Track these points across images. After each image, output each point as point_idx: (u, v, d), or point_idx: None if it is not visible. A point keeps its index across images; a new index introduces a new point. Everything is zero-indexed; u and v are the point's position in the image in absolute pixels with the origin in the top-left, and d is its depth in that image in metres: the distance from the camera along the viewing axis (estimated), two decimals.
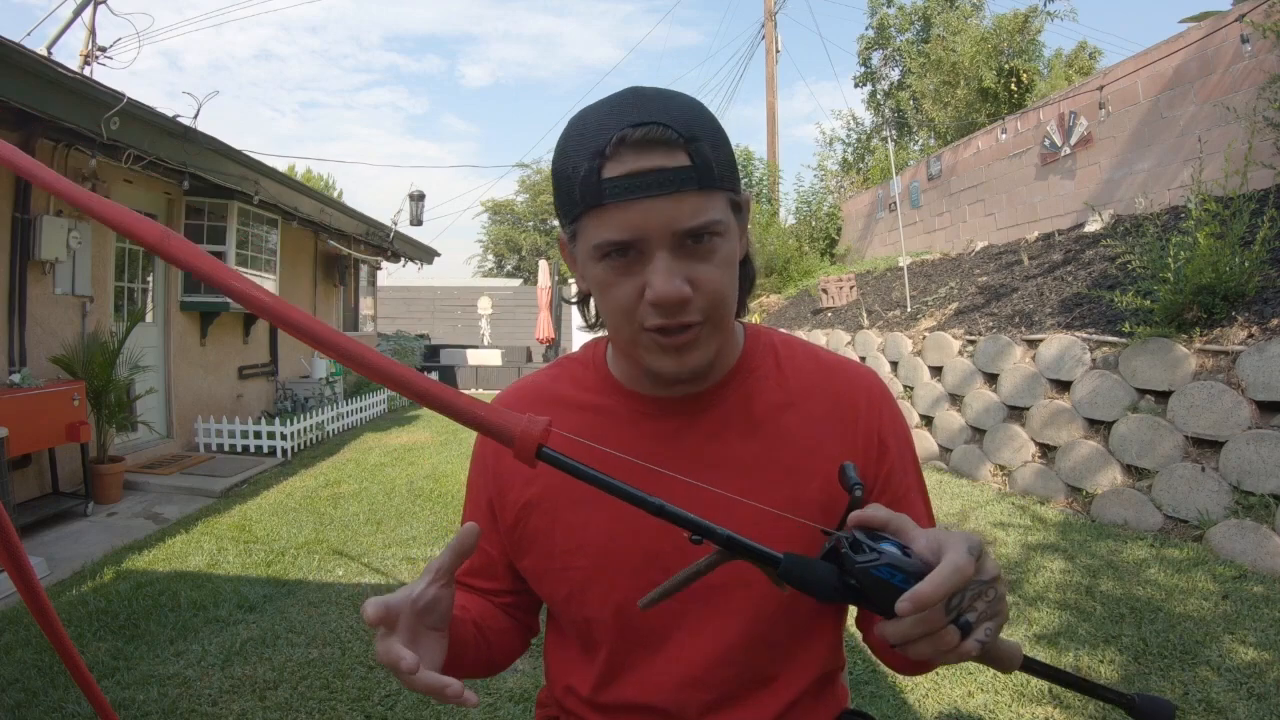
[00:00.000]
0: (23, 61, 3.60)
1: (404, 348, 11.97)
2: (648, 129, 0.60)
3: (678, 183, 0.61)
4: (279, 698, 2.20)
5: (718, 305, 0.66)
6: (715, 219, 0.63)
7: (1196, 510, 3.24)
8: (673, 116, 0.62)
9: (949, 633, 0.54)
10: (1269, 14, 4.84)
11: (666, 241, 0.62)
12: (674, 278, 0.62)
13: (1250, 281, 3.51)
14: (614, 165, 0.61)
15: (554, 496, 0.76)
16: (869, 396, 0.78)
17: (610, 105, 0.64)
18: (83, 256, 4.83)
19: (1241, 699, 2.03)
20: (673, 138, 0.61)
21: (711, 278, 0.64)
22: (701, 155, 0.62)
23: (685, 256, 0.63)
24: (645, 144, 0.61)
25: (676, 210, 0.61)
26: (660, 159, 0.61)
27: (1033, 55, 12.06)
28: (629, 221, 0.61)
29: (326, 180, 24.12)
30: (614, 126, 0.61)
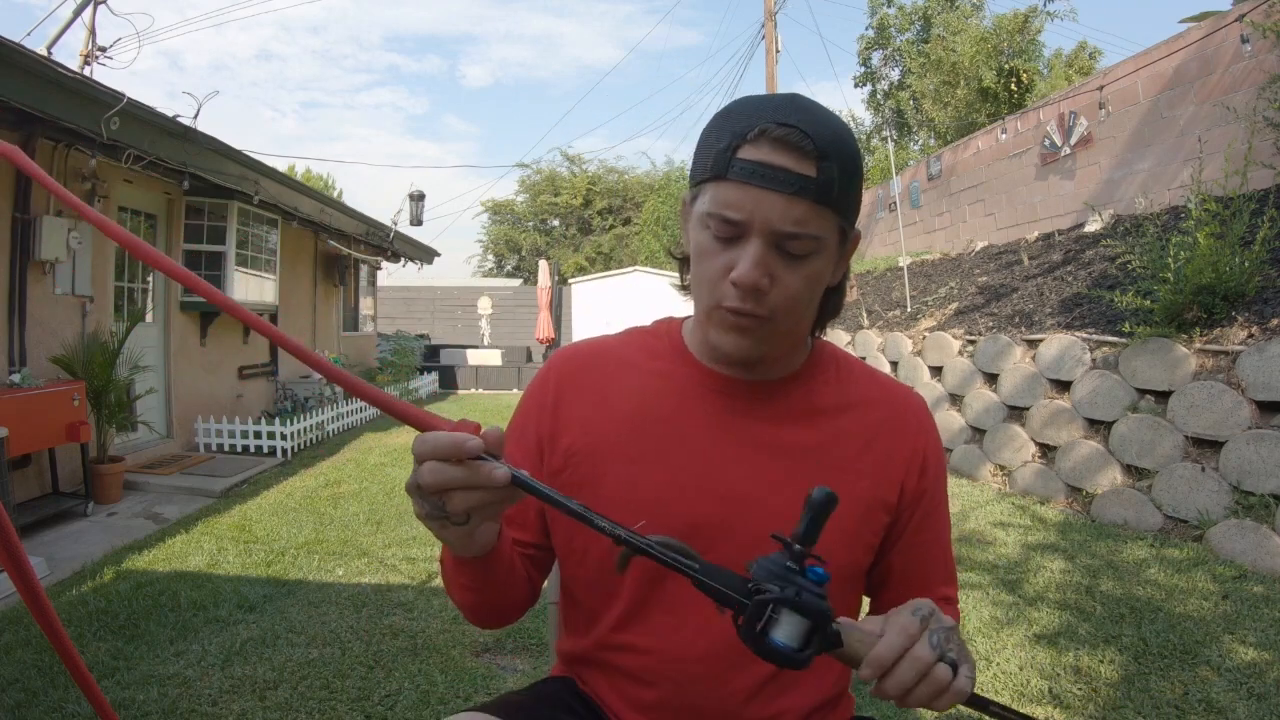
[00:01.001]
0: (23, 61, 3.60)
1: (404, 347, 11.95)
2: (789, 130, 0.65)
3: (796, 187, 0.65)
4: (279, 698, 2.20)
5: (789, 310, 0.70)
6: (815, 234, 0.67)
7: (1196, 510, 3.24)
8: (817, 131, 0.66)
9: (941, 670, 0.56)
10: (1269, 14, 4.84)
11: (765, 234, 0.66)
12: (758, 267, 0.67)
13: (1250, 281, 3.51)
14: (749, 149, 0.66)
15: (608, 450, 0.78)
16: (919, 417, 0.83)
17: (771, 100, 0.69)
18: (83, 256, 4.83)
19: (1241, 699, 2.03)
20: (808, 147, 0.65)
21: (792, 283, 0.69)
22: (827, 173, 0.66)
23: (777, 255, 0.68)
24: (782, 142, 0.65)
25: (785, 210, 0.65)
26: (791, 161, 0.65)
27: (1033, 55, 12.06)
28: (741, 202, 0.66)
29: (326, 180, 24.10)
30: (763, 118, 0.66)
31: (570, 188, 21.35)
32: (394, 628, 2.69)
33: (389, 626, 2.70)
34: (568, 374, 0.84)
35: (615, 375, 0.82)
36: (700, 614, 0.74)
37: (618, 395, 0.80)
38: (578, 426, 0.80)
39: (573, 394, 0.82)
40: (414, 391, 10.06)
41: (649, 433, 0.78)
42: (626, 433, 0.78)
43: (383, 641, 2.58)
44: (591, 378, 0.82)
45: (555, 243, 21.96)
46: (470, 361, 12.75)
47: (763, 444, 0.77)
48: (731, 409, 0.78)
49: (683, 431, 0.77)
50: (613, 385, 0.81)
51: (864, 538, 0.78)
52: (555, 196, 21.54)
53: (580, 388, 0.82)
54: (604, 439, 0.78)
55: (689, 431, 0.77)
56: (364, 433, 7.42)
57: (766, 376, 0.79)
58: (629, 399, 0.80)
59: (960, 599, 2.79)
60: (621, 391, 0.80)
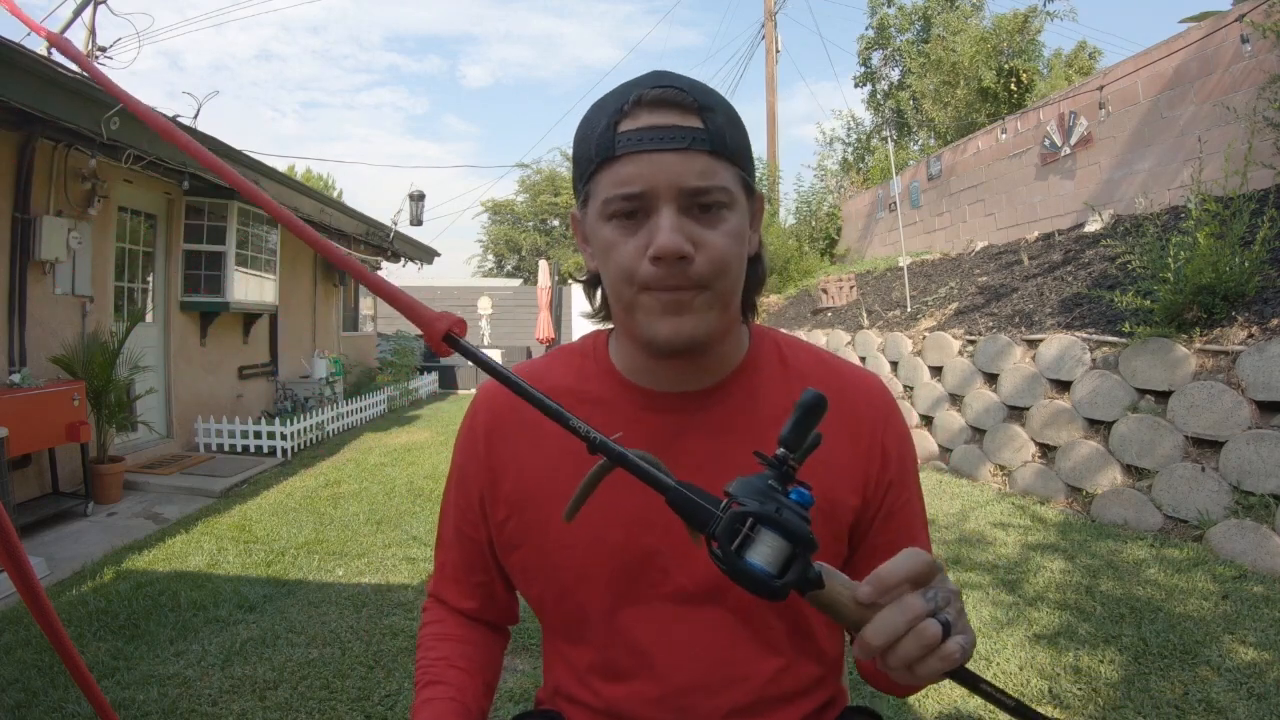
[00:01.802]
0: (23, 61, 3.60)
1: (404, 348, 11.95)
2: (663, 90, 0.64)
3: (688, 139, 0.63)
4: (279, 698, 2.20)
5: (721, 273, 0.65)
6: (723, 185, 0.64)
7: (1196, 510, 3.24)
8: (690, 85, 0.65)
9: (931, 626, 0.50)
10: (1269, 14, 4.84)
11: (673, 197, 0.63)
12: (676, 233, 0.63)
13: (1250, 281, 3.51)
14: (629, 121, 0.64)
15: (547, 492, 0.75)
16: (872, 403, 0.77)
17: (634, 78, 0.67)
18: (83, 256, 4.83)
19: (1241, 699, 2.03)
20: (687, 100, 0.64)
21: (716, 243, 0.64)
22: (715, 123, 0.64)
23: (691, 218, 0.64)
24: (660, 103, 0.63)
25: (685, 166, 0.63)
26: (674, 118, 0.63)
27: (1032, 55, 12.05)
28: (638, 174, 0.63)
29: (326, 180, 24.10)
30: (633, 89, 0.65)
31: (570, 188, 21.35)
32: (394, 628, 2.69)
33: (389, 626, 2.70)
34: (495, 416, 0.79)
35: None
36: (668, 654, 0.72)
37: (549, 431, 0.72)
38: (513, 471, 0.77)
39: (502, 437, 0.78)
40: (413, 391, 10.06)
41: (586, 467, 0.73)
42: (563, 471, 0.73)
43: (383, 641, 2.58)
44: (520, 415, 0.77)
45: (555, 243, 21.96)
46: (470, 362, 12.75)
47: (706, 462, 0.72)
48: (669, 428, 0.73)
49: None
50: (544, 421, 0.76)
51: (830, 547, 0.74)
52: (555, 196, 21.54)
53: (510, 427, 0.78)
54: (541, 481, 0.75)
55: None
56: (364, 433, 7.42)
57: (703, 383, 0.74)
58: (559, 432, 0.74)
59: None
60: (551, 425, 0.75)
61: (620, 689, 0.73)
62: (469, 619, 0.87)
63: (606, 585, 0.73)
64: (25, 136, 4.21)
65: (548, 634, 0.83)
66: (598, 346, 0.80)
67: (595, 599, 0.74)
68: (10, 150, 4.24)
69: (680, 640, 0.72)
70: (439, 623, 0.85)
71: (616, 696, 0.74)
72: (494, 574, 0.84)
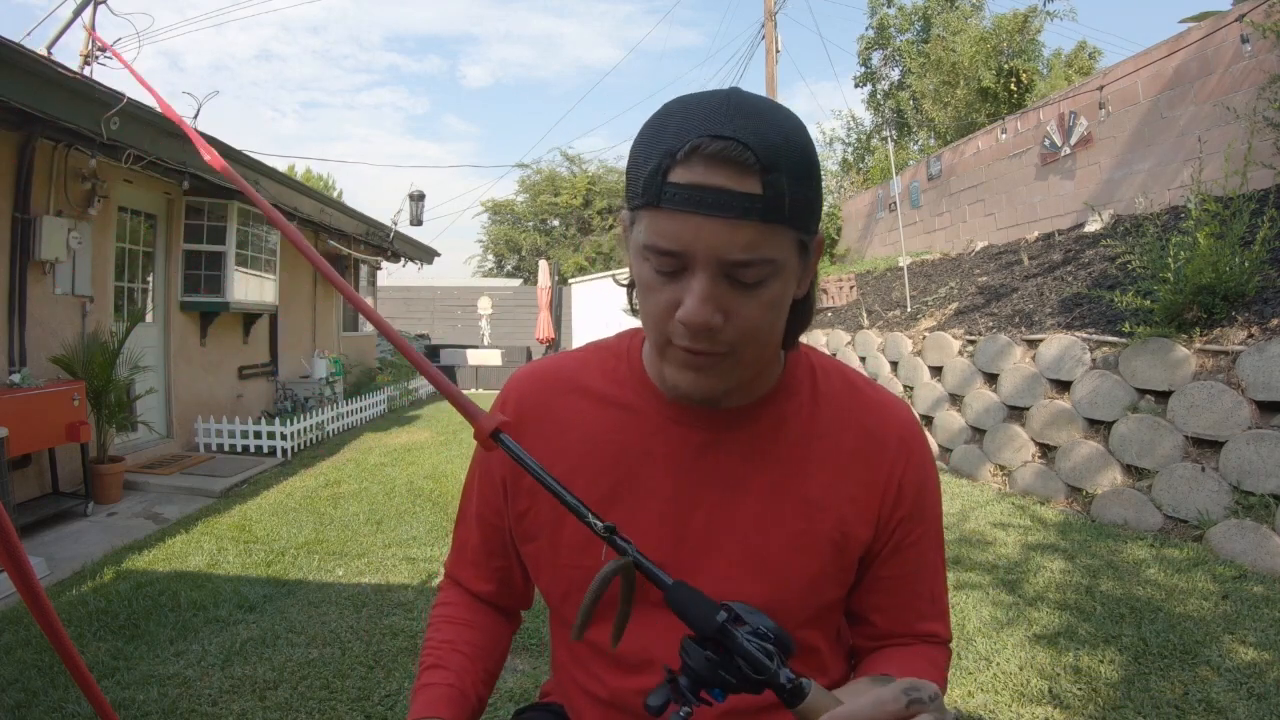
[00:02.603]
0: (23, 61, 3.60)
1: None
2: (725, 144, 0.56)
3: (740, 209, 0.57)
4: (279, 698, 2.20)
5: (749, 343, 0.63)
6: (769, 257, 0.59)
7: (1196, 510, 3.24)
8: (759, 138, 0.57)
9: None
10: (1269, 14, 4.84)
11: (711, 265, 0.59)
12: (706, 304, 0.59)
13: (1250, 281, 3.51)
14: (682, 171, 0.58)
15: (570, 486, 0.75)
16: (899, 437, 0.75)
17: (702, 105, 0.59)
18: (83, 256, 4.83)
19: (1241, 699, 2.03)
20: (749, 161, 0.56)
21: (749, 315, 0.61)
22: (775, 187, 0.57)
23: (728, 285, 0.60)
24: (719, 159, 0.56)
25: (731, 237, 0.57)
26: (730, 179, 0.57)
27: (1032, 55, 12.05)
28: (679, 233, 0.58)
29: (326, 180, 24.09)
30: (695, 131, 0.57)
31: (570, 188, 21.34)
32: (394, 628, 2.69)
33: (389, 626, 2.70)
34: (525, 406, 0.79)
35: (574, 406, 0.77)
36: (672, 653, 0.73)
37: (576, 429, 0.76)
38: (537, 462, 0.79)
39: (532, 427, 0.78)
40: (413, 391, 10.06)
41: (609, 471, 0.74)
42: (586, 471, 0.74)
43: (383, 641, 2.58)
44: (550, 409, 0.77)
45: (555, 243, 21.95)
46: (470, 361, 12.76)
47: (726, 482, 0.72)
48: (696, 444, 0.73)
49: (643, 470, 0.73)
50: (571, 417, 0.77)
51: (832, 575, 0.74)
52: (555, 196, 21.53)
53: (539, 420, 0.78)
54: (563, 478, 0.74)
55: (649, 470, 0.73)
56: (364, 433, 7.42)
57: (733, 403, 0.73)
58: (588, 434, 0.75)
59: (960, 600, 2.80)
60: (580, 425, 0.76)
61: (627, 681, 0.74)
62: (482, 602, 0.87)
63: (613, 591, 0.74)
64: (25, 136, 4.21)
65: (555, 624, 0.84)
66: (632, 350, 0.79)
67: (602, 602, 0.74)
68: (10, 150, 4.24)
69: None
70: (451, 605, 0.86)
71: (622, 688, 0.74)
72: (512, 560, 0.84)
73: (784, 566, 0.71)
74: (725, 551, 0.71)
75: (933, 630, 0.80)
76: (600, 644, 0.76)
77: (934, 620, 0.80)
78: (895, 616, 0.78)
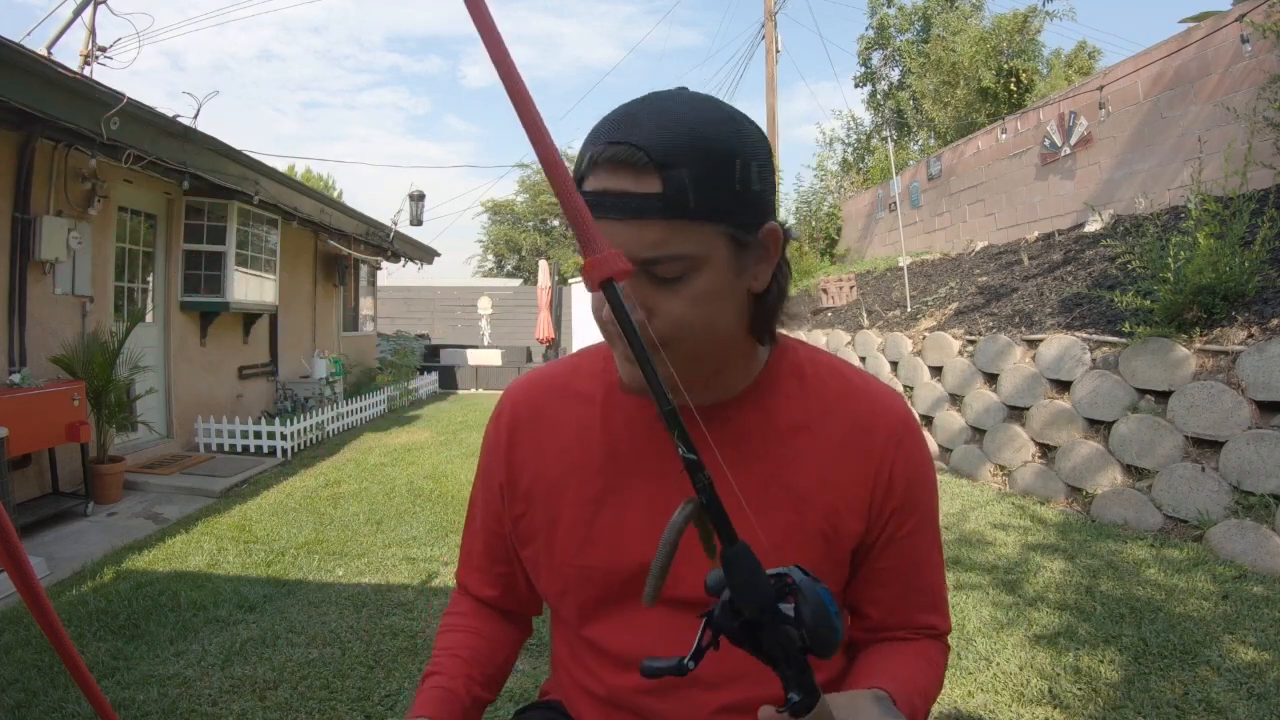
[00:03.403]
0: (23, 61, 3.60)
1: (404, 348, 11.96)
2: (618, 149, 0.58)
3: (638, 210, 0.58)
4: (279, 698, 2.20)
5: (679, 336, 0.63)
6: (680, 253, 0.60)
7: (1196, 510, 3.24)
8: (654, 138, 0.58)
9: None
10: (1269, 14, 4.84)
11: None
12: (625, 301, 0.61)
13: (1250, 281, 3.51)
14: (590, 180, 0.60)
15: (561, 491, 0.76)
16: (890, 428, 0.75)
17: (610, 115, 0.62)
18: (83, 256, 4.83)
19: (1241, 699, 2.03)
20: (643, 161, 0.57)
21: (673, 310, 0.62)
22: (677, 184, 0.57)
23: (649, 282, 0.61)
24: (614, 164, 0.59)
25: (636, 236, 0.59)
26: (626, 181, 0.58)
27: (1032, 55, 12.05)
28: None
29: (326, 180, 24.10)
30: (598, 140, 0.60)
31: None
32: (394, 628, 2.69)
33: (389, 626, 2.70)
34: (519, 413, 0.81)
35: (565, 410, 0.79)
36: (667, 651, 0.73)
37: (568, 432, 0.78)
38: (531, 468, 0.78)
39: (524, 434, 0.80)
40: (414, 391, 10.06)
41: (600, 471, 0.75)
42: (578, 472, 0.76)
43: (383, 641, 2.58)
44: (541, 415, 0.80)
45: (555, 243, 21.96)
46: (470, 361, 12.76)
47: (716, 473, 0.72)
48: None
49: (634, 468, 0.74)
50: (563, 421, 0.78)
51: (828, 569, 0.74)
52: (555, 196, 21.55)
53: (532, 426, 0.80)
54: (556, 480, 0.77)
55: (640, 468, 0.74)
56: (364, 433, 7.42)
57: (715, 398, 0.73)
58: (578, 436, 0.77)
59: (960, 600, 2.80)
60: (571, 428, 0.78)
61: (623, 679, 0.74)
62: (490, 608, 0.89)
63: (609, 589, 0.75)
64: (25, 136, 4.21)
65: (556, 622, 0.84)
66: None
67: (597, 599, 0.75)
68: (10, 150, 4.24)
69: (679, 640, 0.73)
70: (456, 614, 0.88)
71: (619, 686, 0.75)
72: (516, 565, 0.86)
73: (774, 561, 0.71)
74: None
75: (931, 623, 0.79)
76: (600, 642, 0.76)
77: (931, 612, 0.80)
78: (892, 609, 0.78)
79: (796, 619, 0.49)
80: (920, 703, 0.72)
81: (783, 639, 0.49)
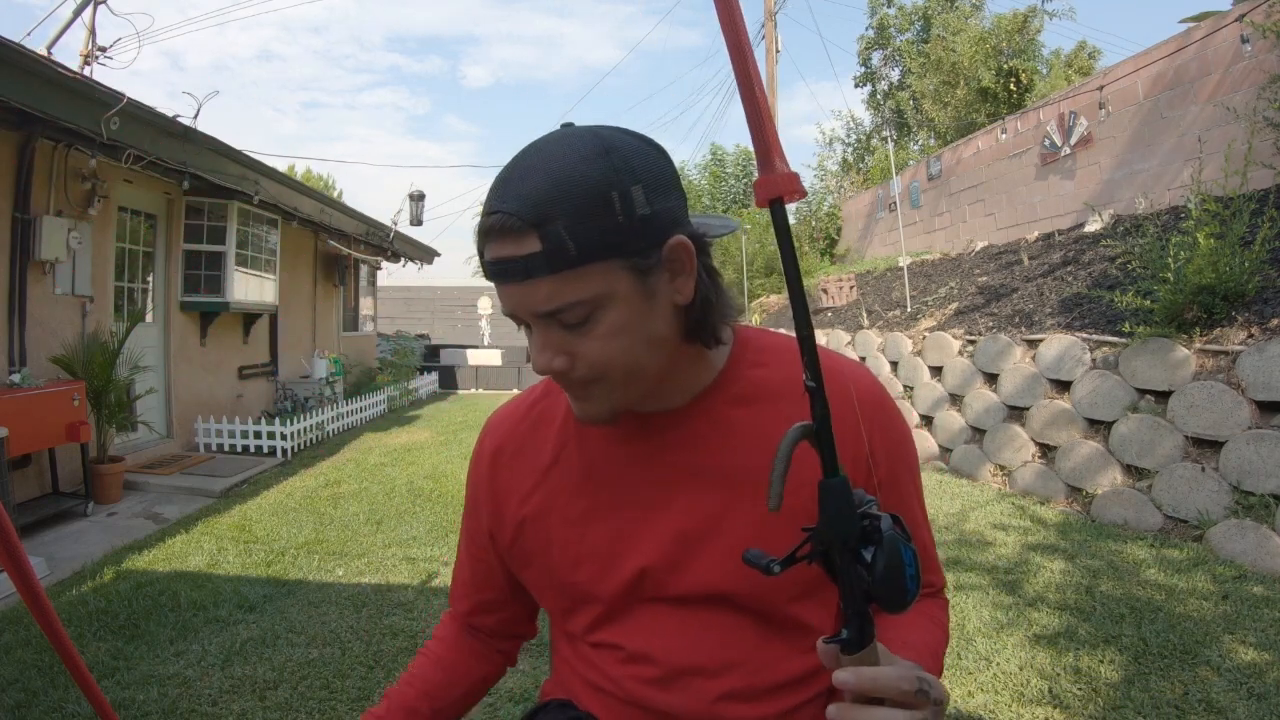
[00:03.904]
0: (23, 61, 3.60)
1: (404, 348, 11.95)
2: (493, 219, 0.61)
3: (524, 271, 0.61)
4: (279, 698, 2.20)
5: (604, 371, 0.66)
6: (577, 300, 0.61)
7: (1196, 510, 3.24)
8: (525, 199, 0.59)
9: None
10: (1269, 14, 4.84)
11: (534, 320, 0.64)
12: (544, 352, 0.65)
13: (1250, 281, 3.51)
14: (486, 249, 0.64)
15: (548, 514, 0.78)
16: (860, 401, 0.74)
17: (497, 177, 0.64)
18: (83, 256, 4.83)
19: (1241, 699, 2.03)
20: (517, 226, 0.59)
21: (591, 350, 0.64)
22: (554, 238, 0.59)
23: (560, 329, 0.64)
24: (495, 232, 0.61)
25: (531, 296, 0.62)
26: (509, 248, 0.61)
27: (1032, 55, 12.05)
28: (503, 301, 0.65)
29: (326, 180, 24.08)
30: (484, 209, 0.63)
31: None
32: (394, 628, 2.69)
33: (389, 626, 2.70)
34: (500, 446, 0.83)
35: (540, 435, 0.81)
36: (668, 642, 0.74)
37: (544, 458, 0.79)
38: (516, 497, 0.80)
39: (505, 464, 0.82)
40: (414, 391, 10.06)
41: (583, 488, 0.77)
42: (562, 493, 0.77)
43: (383, 641, 2.58)
44: (520, 443, 0.82)
45: None
46: (470, 361, 12.76)
47: (698, 475, 0.73)
48: (658, 446, 0.74)
49: (616, 481, 0.76)
50: (540, 447, 0.80)
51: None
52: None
53: (512, 457, 0.82)
54: (542, 504, 0.78)
55: (621, 480, 0.75)
56: (364, 433, 7.42)
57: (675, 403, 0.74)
58: (555, 458, 0.79)
59: (960, 600, 2.80)
60: (548, 452, 0.79)
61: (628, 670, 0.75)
62: (473, 633, 0.92)
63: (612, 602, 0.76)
64: (25, 136, 4.21)
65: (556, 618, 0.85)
66: None
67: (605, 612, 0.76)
68: (10, 150, 4.24)
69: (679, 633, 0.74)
70: (436, 640, 0.92)
71: (623, 676, 0.75)
72: (503, 591, 0.88)
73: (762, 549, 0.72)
74: (705, 545, 0.72)
75: (927, 580, 0.81)
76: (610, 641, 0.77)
77: (926, 572, 0.80)
78: None
79: (871, 565, 0.51)
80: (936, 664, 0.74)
81: (854, 578, 0.51)
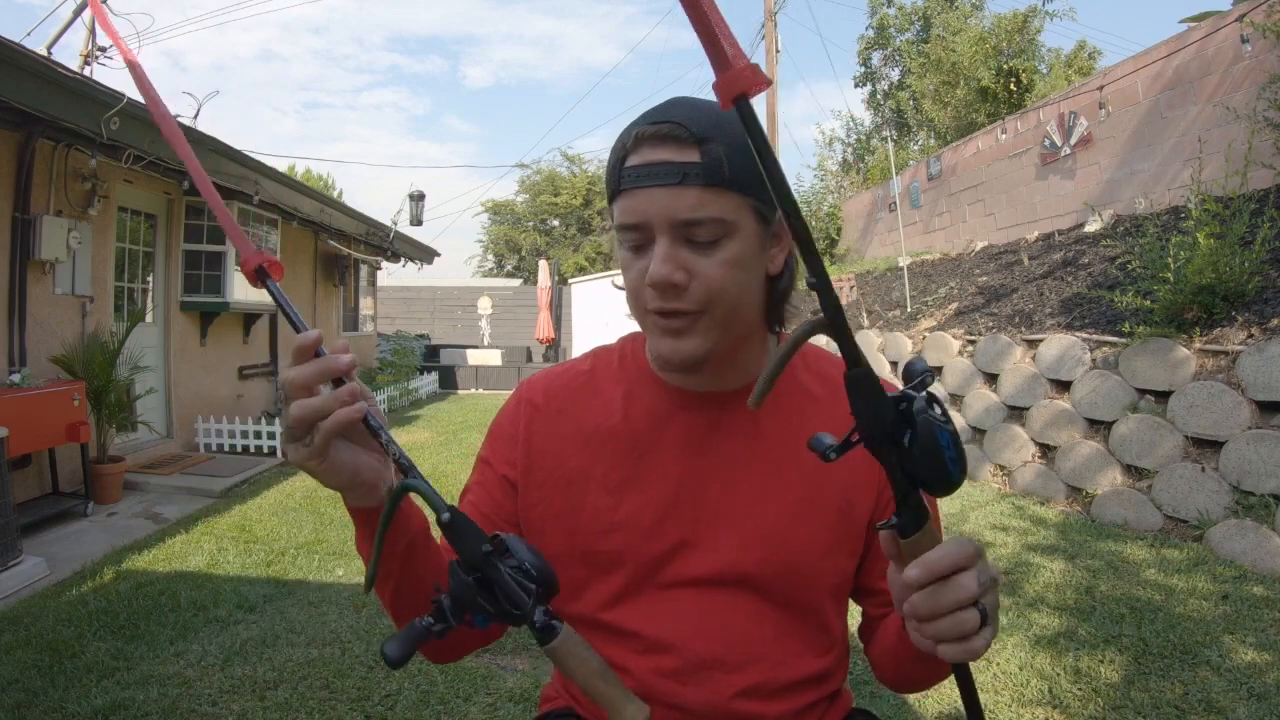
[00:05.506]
0: (23, 61, 3.60)
1: (404, 348, 11.95)
2: (661, 125, 0.66)
3: (680, 175, 0.65)
4: (279, 698, 2.20)
5: (716, 299, 0.68)
6: (718, 216, 0.66)
7: (1196, 510, 3.24)
8: (692, 118, 0.66)
9: (970, 617, 0.54)
10: (1269, 14, 4.84)
11: (667, 228, 0.67)
12: (668, 262, 0.67)
13: (1250, 281, 3.51)
14: (633, 156, 0.68)
15: (583, 479, 0.78)
16: None
17: (650, 108, 0.70)
18: (83, 256, 4.83)
19: (1241, 699, 2.03)
20: (684, 135, 0.65)
21: (710, 272, 0.67)
22: (713, 155, 0.65)
23: (687, 247, 0.67)
24: (658, 139, 0.66)
25: (678, 201, 0.66)
26: (670, 153, 0.66)
27: (1032, 55, 12.05)
28: (637, 206, 0.67)
29: (326, 180, 24.09)
30: (640, 124, 0.68)
31: (570, 188, 21.34)
32: (394, 628, 2.68)
33: (389, 626, 2.70)
34: (537, 405, 0.83)
35: (584, 403, 0.82)
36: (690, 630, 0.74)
37: (589, 423, 0.80)
38: (551, 458, 0.80)
39: (543, 425, 0.82)
40: (414, 391, 10.06)
41: (622, 458, 0.77)
42: (600, 461, 0.78)
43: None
44: (562, 404, 0.82)
45: (555, 243, 21.94)
46: (470, 361, 12.75)
47: (731, 461, 0.76)
48: (701, 427, 0.77)
49: (654, 454, 0.77)
50: (583, 413, 0.81)
51: (846, 544, 0.77)
52: (555, 196, 21.51)
53: (552, 418, 0.82)
54: (578, 469, 0.78)
55: (661, 454, 0.77)
56: None
57: (729, 385, 0.77)
58: (600, 426, 0.79)
59: None
60: (592, 419, 0.80)
61: (646, 661, 0.75)
62: None
63: (635, 574, 0.76)
64: (25, 136, 4.20)
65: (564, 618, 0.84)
66: (636, 349, 0.84)
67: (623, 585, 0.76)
68: (10, 150, 4.23)
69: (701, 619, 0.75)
70: None
71: (641, 669, 0.75)
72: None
73: (792, 536, 0.75)
74: (737, 526, 0.75)
75: None
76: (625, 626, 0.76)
77: None
78: None
79: (909, 448, 0.51)
80: None
81: (900, 463, 0.52)
